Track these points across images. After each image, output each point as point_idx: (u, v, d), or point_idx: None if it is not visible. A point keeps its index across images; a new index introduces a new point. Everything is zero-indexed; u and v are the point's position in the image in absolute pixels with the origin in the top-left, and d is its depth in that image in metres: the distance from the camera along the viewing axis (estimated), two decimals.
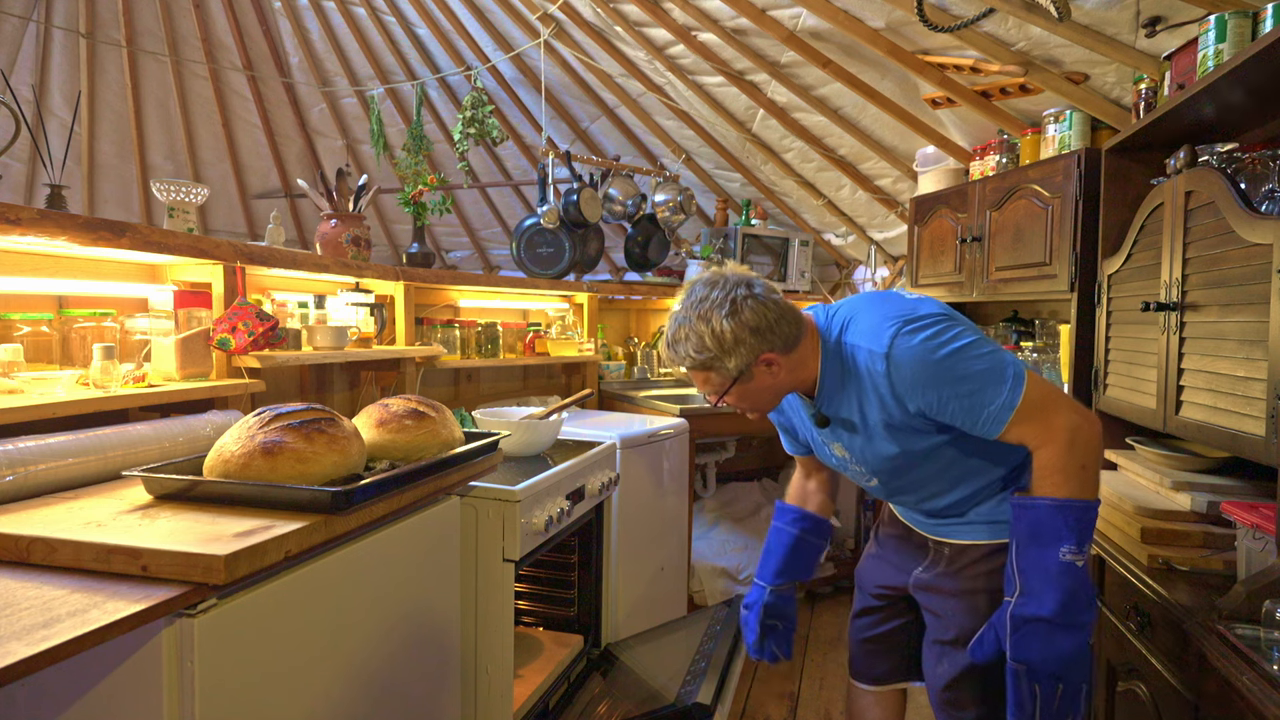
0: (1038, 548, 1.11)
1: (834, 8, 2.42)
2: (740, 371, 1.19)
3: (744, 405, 1.27)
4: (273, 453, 1.14)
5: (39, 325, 1.48)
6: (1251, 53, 1.27)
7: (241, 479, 1.13)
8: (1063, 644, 1.09)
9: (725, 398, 1.24)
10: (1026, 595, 1.11)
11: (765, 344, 1.18)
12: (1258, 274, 1.23)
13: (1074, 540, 1.09)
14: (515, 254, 3.17)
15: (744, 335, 1.16)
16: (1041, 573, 1.10)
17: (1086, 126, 2.19)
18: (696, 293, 1.20)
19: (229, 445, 1.17)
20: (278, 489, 1.11)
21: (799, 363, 1.24)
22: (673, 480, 2.65)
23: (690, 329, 1.19)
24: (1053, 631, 1.09)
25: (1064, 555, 1.08)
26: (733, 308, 1.17)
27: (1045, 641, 1.09)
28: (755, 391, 1.24)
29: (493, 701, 1.66)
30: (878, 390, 1.19)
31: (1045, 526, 1.10)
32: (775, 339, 1.19)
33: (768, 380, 1.23)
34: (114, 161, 4.40)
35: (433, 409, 1.47)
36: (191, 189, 1.91)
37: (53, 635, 0.75)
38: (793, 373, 1.24)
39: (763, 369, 1.21)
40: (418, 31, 3.98)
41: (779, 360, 1.21)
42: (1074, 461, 1.11)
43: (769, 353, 1.19)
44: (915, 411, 1.18)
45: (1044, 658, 1.09)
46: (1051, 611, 1.08)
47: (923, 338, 1.14)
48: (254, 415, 1.21)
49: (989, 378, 1.12)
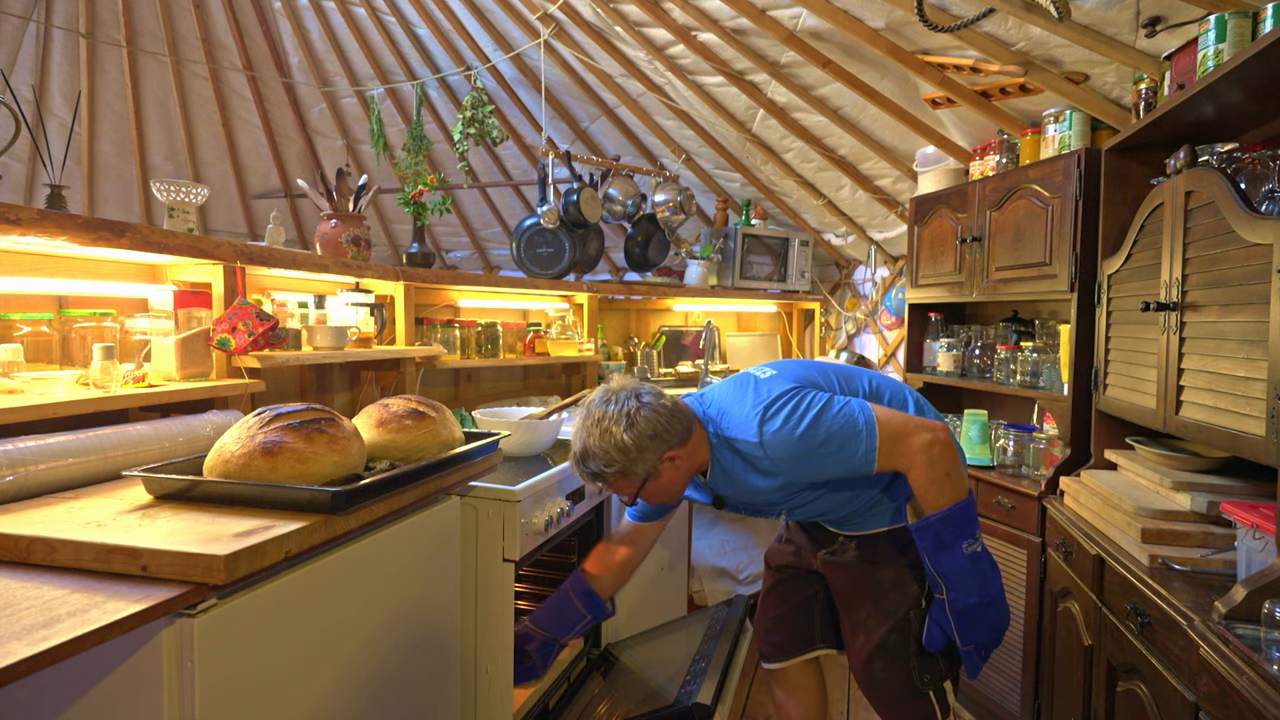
0: (945, 552, 1.31)
1: (834, 8, 2.42)
2: (648, 474, 1.35)
3: (658, 500, 1.42)
4: (273, 453, 1.13)
5: (39, 325, 1.48)
6: (1251, 53, 1.27)
7: (241, 479, 1.12)
8: (993, 616, 1.34)
9: (640, 495, 1.39)
10: (954, 590, 1.33)
11: (664, 445, 1.34)
12: (1258, 274, 1.23)
13: (968, 534, 1.32)
14: (515, 254, 3.17)
15: (644, 442, 1.32)
16: (958, 570, 1.32)
17: (1086, 126, 2.19)
18: (593, 412, 1.35)
19: (229, 445, 1.17)
20: (278, 489, 1.11)
21: (694, 450, 1.39)
22: None
23: (596, 445, 1.33)
24: (984, 610, 1.33)
25: (966, 549, 1.31)
26: (629, 421, 1.32)
27: (981, 620, 1.33)
28: (665, 486, 1.38)
29: (493, 701, 1.66)
30: (763, 472, 1.37)
31: (943, 536, 1.31)
32: (672, 438, 1.35)
33: (674, 474, 1.37)
34: (114, 161, 4.40)
35: (433, 409, 1.47)
36: (191, 189, 1.91)
37: (53, 635, 0.75)
38: (691, 459, 1.39)
39: (668, 465, 1.36)
40: (418, 31, 3.98)
41: (680, 454, 1.36)
42: (938, 472, 1.31)
43: (670, 450, 1.34)
44: (801, 478, 1.36)
45: (987, 631, 1.34)
46: (978, 596, 1.32)
47: (781, 420, 1.32)
48: (254, 415, 1.20)
49: (846, 433, 1.31)
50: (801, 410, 1.32)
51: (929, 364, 2.88)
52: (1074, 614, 1.78)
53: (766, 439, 1.32)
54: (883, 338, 3.79)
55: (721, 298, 3.73)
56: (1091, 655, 1.66)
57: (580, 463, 1.37)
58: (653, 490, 1.38)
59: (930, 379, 2.79)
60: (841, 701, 2.43)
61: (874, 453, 1.30)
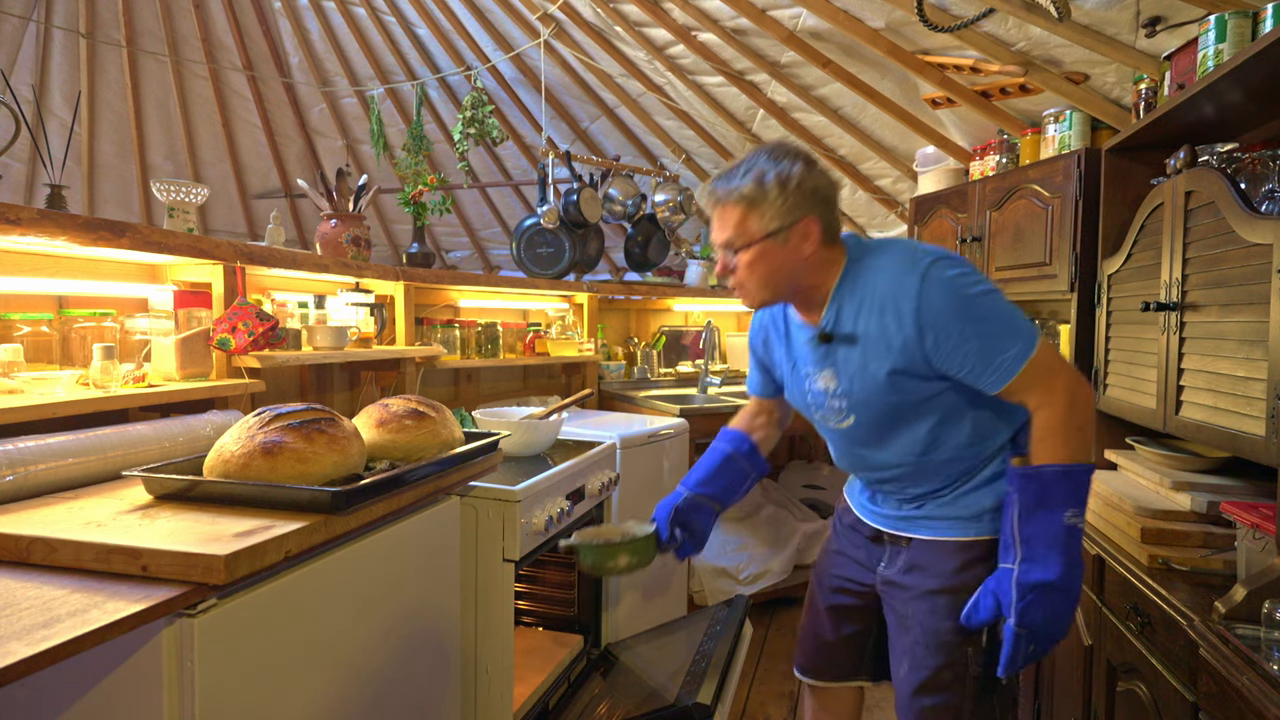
0: (1045, 513, 1.09)
1: (834, 8, 2.42)
2: (779, 227, 1.14)
3: (749, 278, 1.19)
4: (273, 453, 1.13)
5: (39, 325, 1.48)
6: (1251, 53, 1.27)
7: (241, 479, 1.12)
8: (1064, 608, 1.09)
9: (743, 254, 1.17)
10: (1031, 561, 1.09)
11: (815, 210, 1.15)
12: (1258, 274, 1.23)
13: (1077, 504, 1.10)
14: (515, 254, 3.17)
15: (806, 189, 1.14)
16: (1048, 538, 1.09)
17: (1086, 126, 2.19)
18: (767, 145, 1.19)
19: (229, 445, 1.17)
20: (278, 489, 1.11)
21: (824, 260, 1.19)
22: (673, 480, 2.65)
23: (755, 165, 1.15)
24: (1056, 596, 1.08)
25: (1068, 519, 1.08)
26: (807, 163, 1.16)
27: (1051, 606, 1.08)
28: (774, 262, 1.17)
29: (493, 701, 1.66)
30: (898, 311, 1.13)
31: (1051, 492, 1.09)
32: (825, 213, 1.17)
33: (793, 255, 1.16)
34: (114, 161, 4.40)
35: (433, 409, 1.47)
36: (191, 189, 1.91)
37: (53, 635, 0.75)
38: (814, 267, 1.19)
39: (798, 237, 1.15)
40: (418, 31, 3.98)
41: (816, 233, 1.16)
42: (1073, 423, 1.11)
43: (814, 220, 1.15)
44: (929, 346, 1.12)
45: (1048, 622, 1.09)
46: (1058, 576, 1.07)
47: (956, 273, 1.12)
48: (254, 415, 1.20)
49: (1010, 326, 1.11)
50: (979, 278, 1.13)
51: None
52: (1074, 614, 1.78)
53: (931, 278, 1.11)
54: None
55: (721, 298, 3.73)
56: (1091, 655, 1.66)
57: (718, 179, 1.19)
58: (760, 255, 1.16)
59: None
60: None
61: (1023, 361, 1.09)
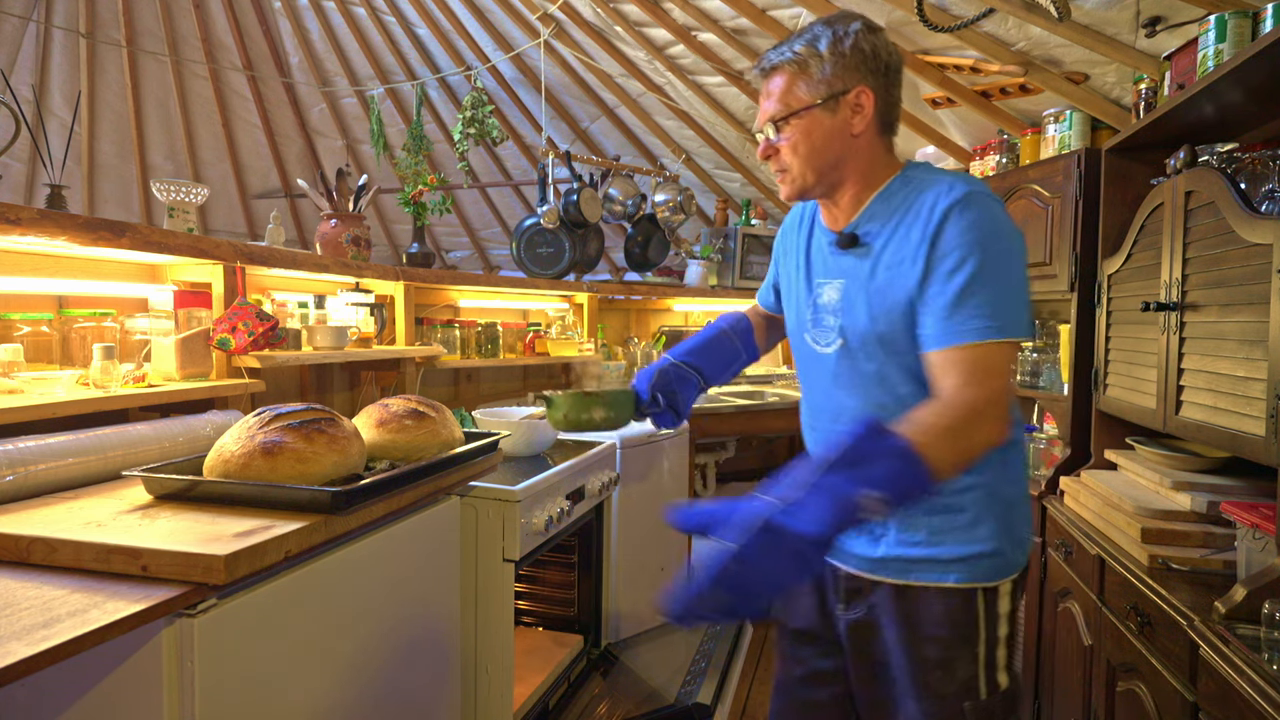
0: (851, 472, 0.82)
1: (834, 8, 2.42)
2: (831, 94, 1.03)
3: (792, 158, 1.07)
4: (273, 453, 1.13)
5: (39, 325, 1.48)
6: (1251, 53, 1.27)
7: (241, 479, 1.12)
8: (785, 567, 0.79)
9: (787, 128, 1.06)
10: (799, 506, 0.80)
11: (871, 80, 1.04)
12: (1258, 274, 1.23)
13: (886, 495, 0.81)
14: (515, 254, 3.17)
15: (864, 51, 1.03)
16: (834, 498, 0.80)
17: (1086, 126, 2.19)
18: (828, 15, 1.10)
19: (229, 445, 1.17)
20: (278, 489, 1.11)
21: (876, 152, 1.08)
22: (673, 480, 2.65)
23: (811, 30, 1.06)
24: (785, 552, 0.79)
25: (862, 497, 0.80)
26: (868, 27, 1.06)
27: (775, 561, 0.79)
28: (820, 136, 1.05)
29: (493, 701, 1.66)
30: (924, 220, 1.00)
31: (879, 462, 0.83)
32: (883, 88, 1.05)
33: (842, 130, 1.04)
34: (114, 161, 4.40)
35: (433, 409, 1.47)
36: (191, 189, 1.91)
37: (53, 635, 0.75)
38: (863, 154, 1.06)
39: (849, 108, 1.04)
40: (418, 31, 3.98)
41: (869, 113, 1.04)
42: (964, 433, 0.90)
43: (869, 90, 1.03)
44: (926, 261, 0.99)
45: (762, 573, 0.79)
46: (816, 532, 0.78)
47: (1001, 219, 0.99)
48: (254, 415, 1.20)
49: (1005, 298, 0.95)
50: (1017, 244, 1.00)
51: None
52: (1074, 614, 1.78)
53: (971, 201, 0.97)
54: None
55: (721, 298, 3.73)
56: (1091, 655, 1.66)
57: (781, 44, 1.08)
58: (806, 127, 1.04)
59: None
60: None
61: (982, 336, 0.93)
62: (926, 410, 0.91)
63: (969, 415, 0.90)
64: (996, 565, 1.05)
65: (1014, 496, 1.08)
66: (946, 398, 0.93)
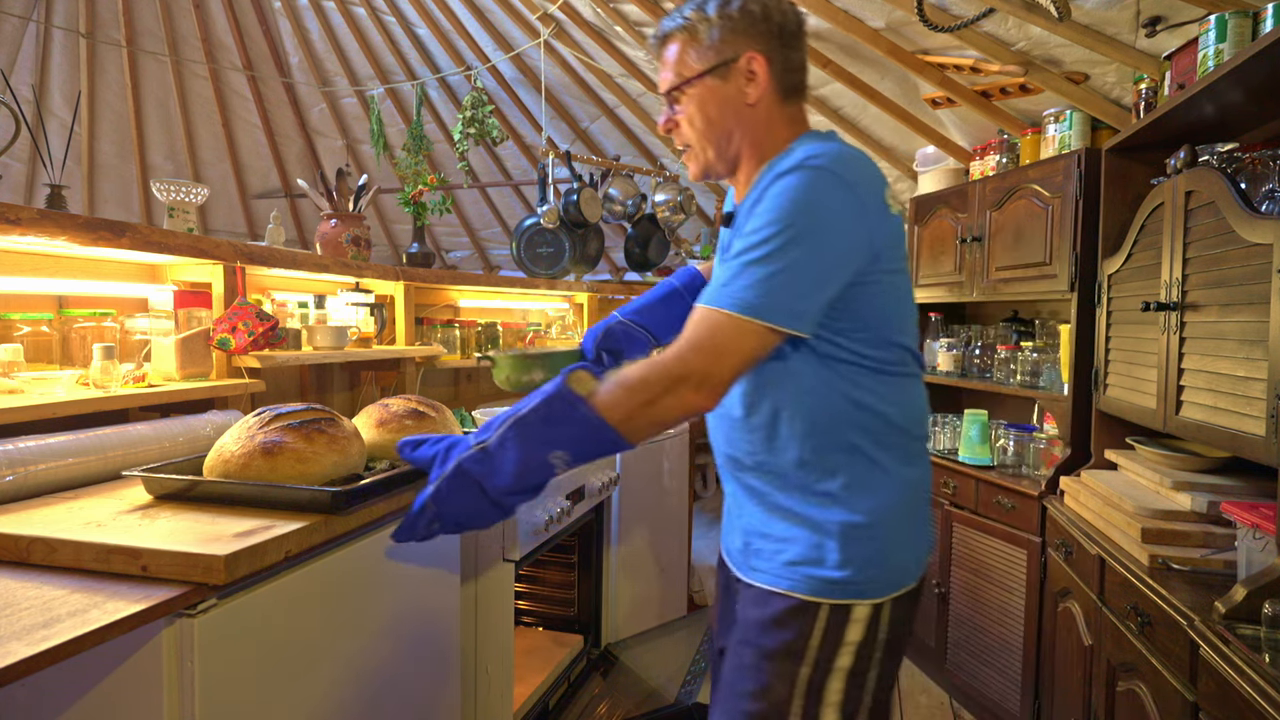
0: (544, 430, 0.88)
1: (834, 8, 2.42)
2: (721, 61, 0.97)
3: (690, 132, 1.02)
4: (273, 453, 1.13)
5: (39, 325, 1.48)
6: (1251, 53, 1.27)
7: (241, 479, 1.12)
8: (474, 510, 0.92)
9: (683, 93, 1.00)
10: (488, 456, 0.90)
11: (762, 44, 0.96)
12: (1258, 274, 1.23)
13: (574, 455, 0.89)
14: (515, 254, 3.17)
15: (752, 13, 0.96)
16: (521, 455, 0.88)
17: (1086, 126, 2.19)
18: None
19: (229, 445, 1.17)
20: (278, 489, 1.11)
21: (777, 121, 0.99)
22: (673, 480, 2.65)
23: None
24: (481, 500, 0.91)
25: (553, 458, 0.88)
26: None
27: (463, 507, 0.92)
28: (714, 107, 0.98)
29: (493, 701, 1.66)
30: (758, 197, 0.92)
31: (568, 424, 0.87)
32: (777, 51, 0.97)
33: (735, 100, 0.98)
34: (114, 161, 4.41)
35: (433, 409, 1.47)
36: (191, 189, 1.91)
37: (53, 635, 0.75)
38: (763, 124, 0.99)
39: (741, 76, 0.97)
40: (418, 31, 3.98)
41: (763, 80, 0.97)
42: (661, 399, 0.85)
43: (759, 56, 0.96)
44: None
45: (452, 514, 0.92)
46: (500, 484, 0.90)
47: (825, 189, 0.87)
48: (254, 415, 1.21)
49: (787, 276, 0.85)
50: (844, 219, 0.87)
51: (929, 364, 2.88)
52: (1074, 614, 1.78)
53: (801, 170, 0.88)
54: None
55: None
56: (1092, 655, 1.66)
57: (673, 10, 1.03)
58: (700, 99, 0.99)
59: (930, 379, 2.79)
60: None
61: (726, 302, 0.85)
62: (641, 364, 0.88)
63: (664, 380, 0.85)
64: (846, 586, 0.93)
65: (881, 515, 0.95)
66: (657, 357, 0.88)
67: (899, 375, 0.98)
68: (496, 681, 1.65)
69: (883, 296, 0.94)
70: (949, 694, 2.45)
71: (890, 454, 0.97)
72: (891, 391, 0.97)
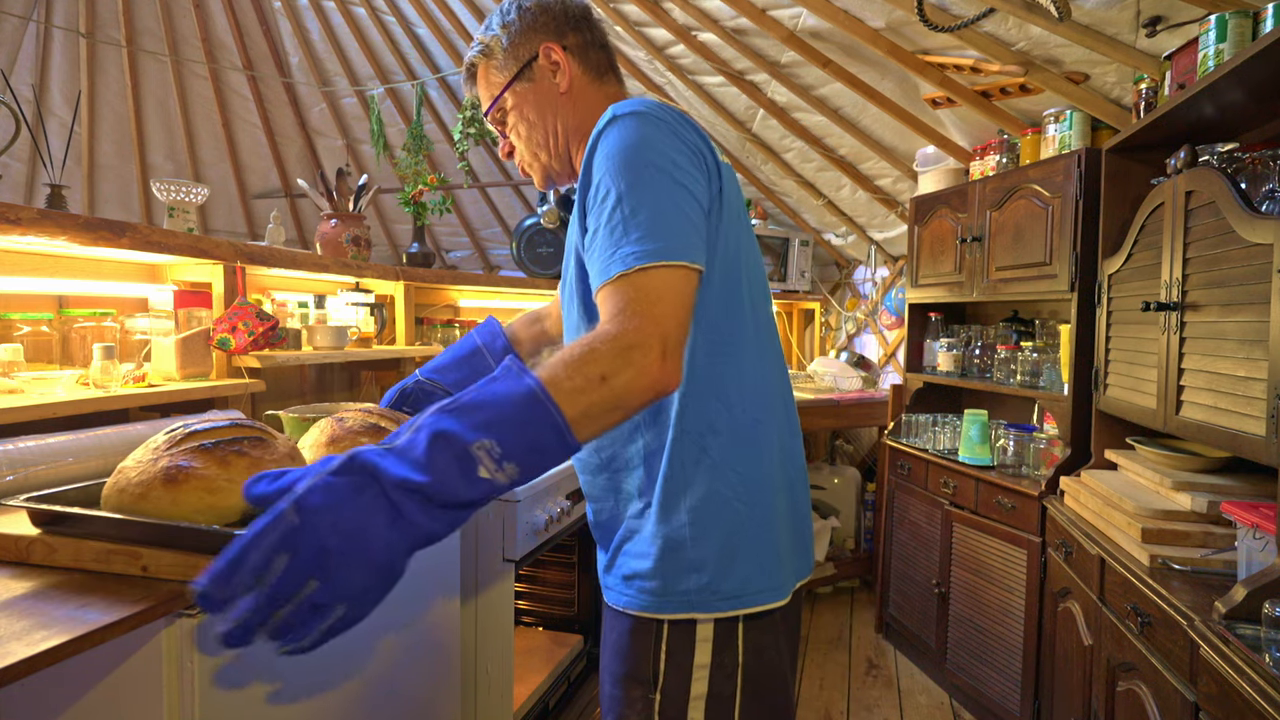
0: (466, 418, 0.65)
1: (834, 8, 2.42)
2: (521, 65, 0.98)
3: (523, 147, 1.02)
4: (176, 481, 0.94)
5: (39, 325, 1.48)
6: (1252, 53, 1.27)
7: (136, 513, 0.92)
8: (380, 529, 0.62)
9: (505, 113, 1.02)
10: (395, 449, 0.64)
11: (553, 33, 0.98)
12: (1258, 274, 1.23)
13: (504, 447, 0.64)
14: (515, 254, 3.17)
15: (532, 10, 0.99)
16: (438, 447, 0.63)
17: (1086, 126, 2.19)
18: None
19: (129, 470, 0.97)
20: (180, 529, 0.90)
21: (591, 106, 0.99)
22: None
23: (490, 17, 1.03)
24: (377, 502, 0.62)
25: (475, 448, 0.63)
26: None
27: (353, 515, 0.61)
28: (532, 110, 0.99)
29: (493, 701, 1.66)
30: (585, 165, 0.86)
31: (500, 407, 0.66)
32: (570, 36, 0.99)
33: (549, 95, 0.98)
34: (114, 161, 4.40)
35: (396, 422, 1.24)
36: (191, 189, 1.91)
37: (52, 636, 0.75)
38: (583, 108, 0.99)
39: (545, 71, 0.98)
40: (418, 31, 3.98)
41: (567, 67, 0.98)
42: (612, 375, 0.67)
43: (553, 45, 0.97)
44: (583, 207, 0.84)
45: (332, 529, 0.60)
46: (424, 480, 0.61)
47: (642, 128, 0.81)
48: (165, 432, 1.02)
49: (661, 215, 0.76)
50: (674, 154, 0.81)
51: (929, 364, 2.88)
52: (1074, 614, 1.78)
53: (615, 123, 0.83)
54: (883, 338, 3.79)
55: None
56: (1092, 655, 1.66)
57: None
58: (518, 103, 1.00)
59: (930, 379, 2.79)
60: (841, 702, 2.42)
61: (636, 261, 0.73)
62: (576, 343, 0.70)
63: (613, 347, 0.68)
64: (674, 598, 0.83)
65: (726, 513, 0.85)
66: (592, 332, 0.71)
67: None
68: (496, 681, 1.66)
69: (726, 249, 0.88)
70: (949, 694, 2.46)
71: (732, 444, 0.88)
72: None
